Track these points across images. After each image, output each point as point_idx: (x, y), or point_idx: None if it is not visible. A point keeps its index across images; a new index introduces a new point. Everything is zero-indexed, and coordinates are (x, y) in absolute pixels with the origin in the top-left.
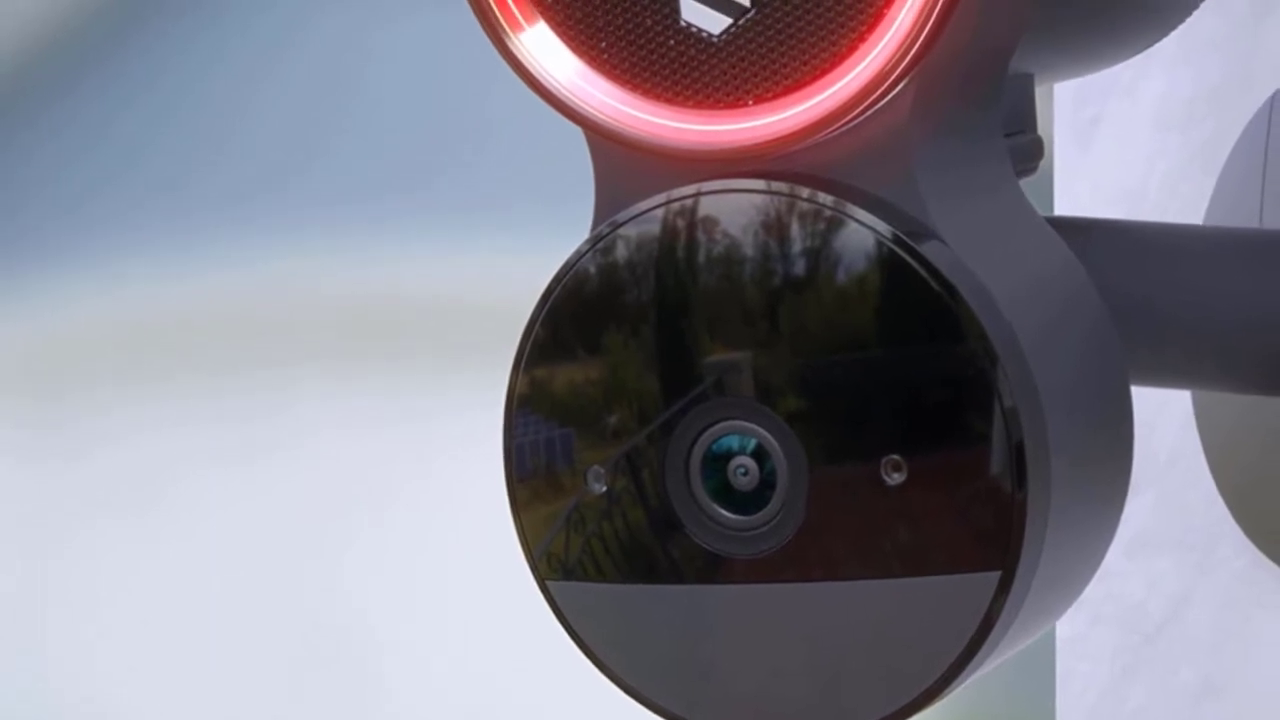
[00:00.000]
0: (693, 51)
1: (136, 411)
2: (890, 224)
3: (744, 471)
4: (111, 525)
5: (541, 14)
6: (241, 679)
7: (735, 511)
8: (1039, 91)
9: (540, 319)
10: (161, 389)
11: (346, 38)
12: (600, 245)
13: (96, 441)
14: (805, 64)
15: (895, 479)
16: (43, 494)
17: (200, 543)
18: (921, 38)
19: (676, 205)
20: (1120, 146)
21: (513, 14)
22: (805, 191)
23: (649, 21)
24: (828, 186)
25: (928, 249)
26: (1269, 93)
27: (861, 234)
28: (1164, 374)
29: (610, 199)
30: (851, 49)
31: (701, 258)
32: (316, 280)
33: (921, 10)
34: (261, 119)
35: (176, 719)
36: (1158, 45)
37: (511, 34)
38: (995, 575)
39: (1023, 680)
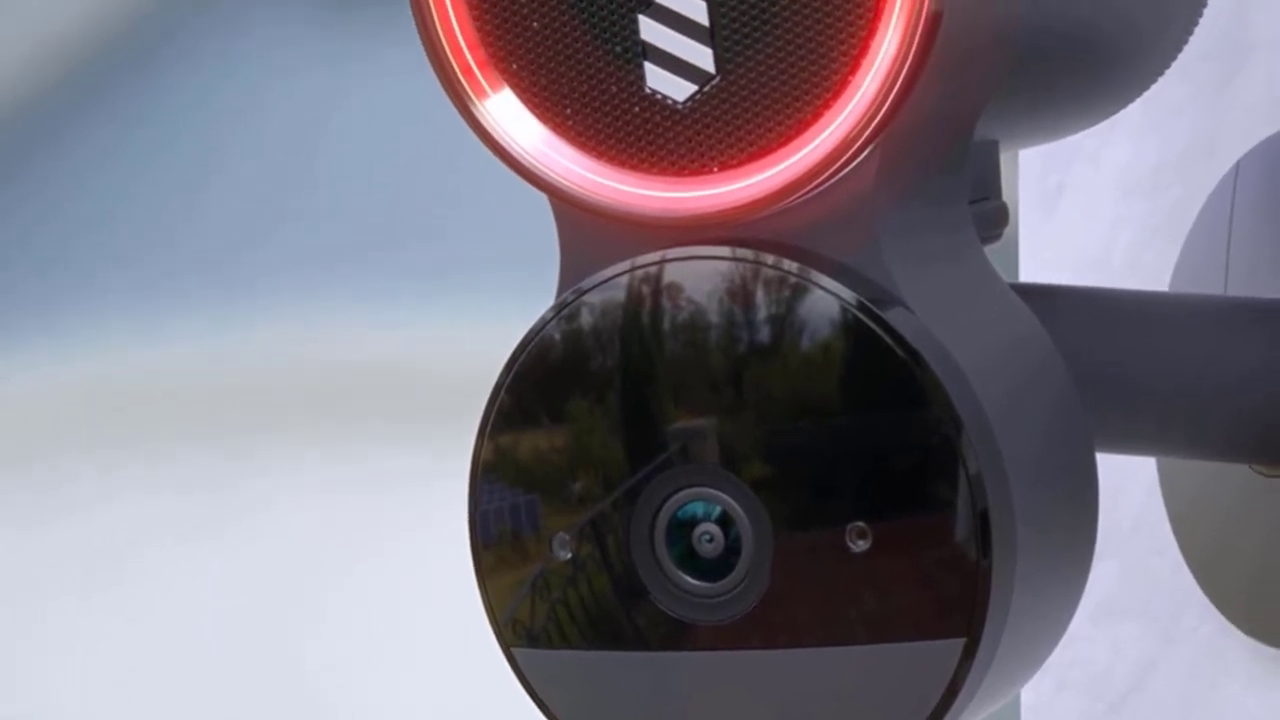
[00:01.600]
0: (657, 118)
1: (98, 481)
2: (855, 291)
3: (709, 538)
4: (72, 596)
5: (506, 81)
6: None
7: (700, 578)
8: (1004, 158)
9: (505, 386)
10: (123, 457)
11: (309, 106)
12: (565, 312)
13: (58, 511)
14: (770, 131)
15: (860, 546)
16: (2, 564)
17: (162, 613)
18: (886, 105)
19: (641, 272)
20: (1085, 213)
21: (477, 80)
22: (770, 258)
23: (614, 88)
24: (792, 253)
25: (892, 316)
26: (1234, 160)
27: (826, 301)
28: (1129, 441)
29: (575, 265)
30: (816, 116)
31: (666, 324)
32: (280, 348)
33: (886, 77)
34: (224, 187)
35: None
36: (1122, 112)
37: (476, 100)
38: (960, 642)
39: None
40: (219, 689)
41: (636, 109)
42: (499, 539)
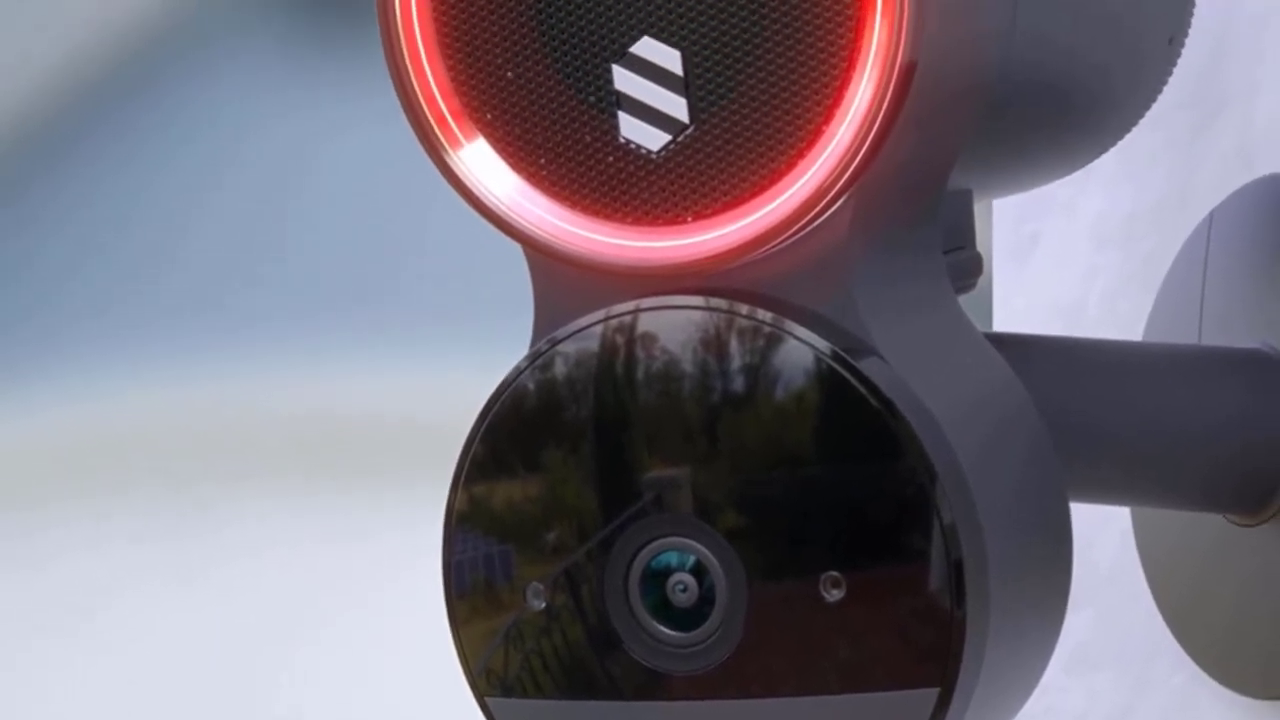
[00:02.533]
0: (632, 168)
1: (73, 530)
2: (829, 341)
3: (683, 588)
4: (46, 645)
5: (480, 130)
6: None
7: (674, 628)
8: (978, 208)
9: (479, 436)
10: (100, 507)
11: (285, 156)
12: (539, 362)
13: (32, 560)
14: (744, 180)
15: (834, 595)
16: None
17: (134, 663)
18: (860, 155)
19: (615, 322)
20: (1059, 263)
21: (452, 131)
22: (744, 308)
23: (588, 138)
24: (766, 303)
25: (866, 366)
26: (1208, 209)
27: (800, 351)
28: (1103, 490)
29: (549, 315)
30: (790, 165)
31: (640, 374)
32: (255, 398)
33: (860, 127)
34: (202, 236)
35: None
36: (1097, 162)
37: (450, 150)
38: (934, 692)
39: None
40: None
41: (610, 158)
42: (473, 588)
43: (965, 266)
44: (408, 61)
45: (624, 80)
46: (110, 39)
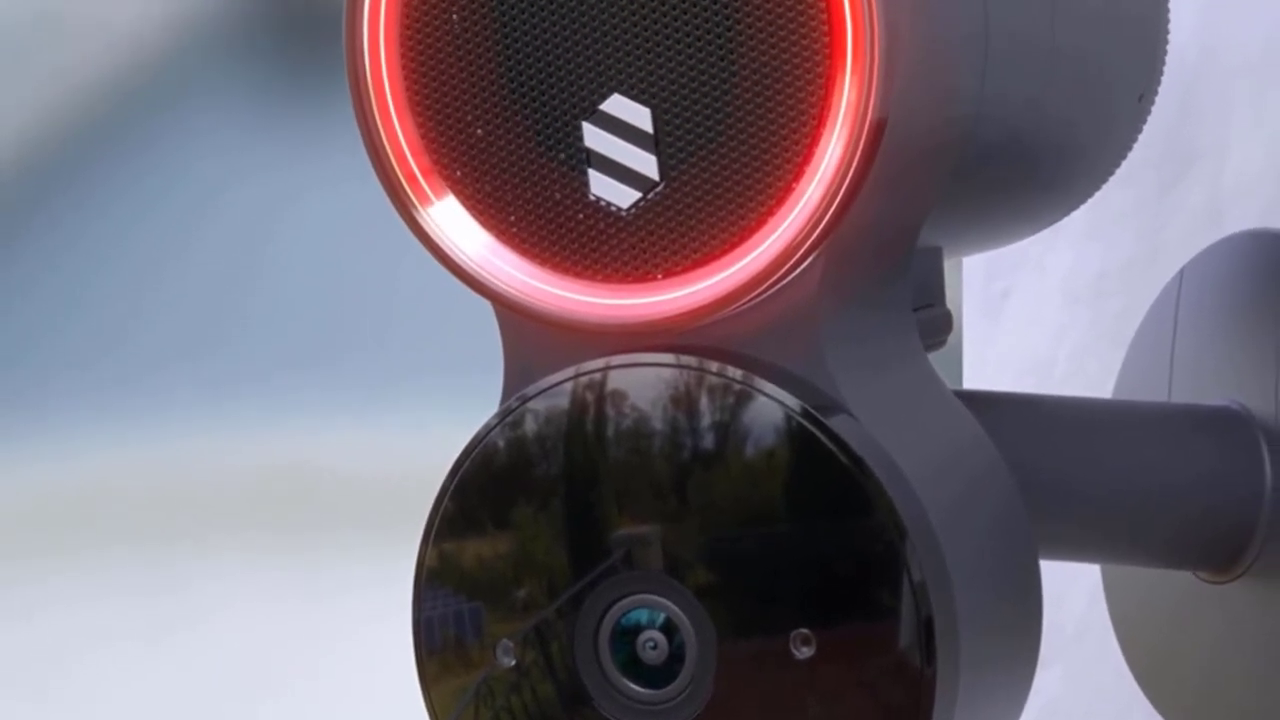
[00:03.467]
0: (601, 225)
1: (42, 586)
2: (799, 398)
3: (653, 645)
4: (14, 703)
5: (450, 188)
6: None
7: (645, 685)
8: (948, 265)
9: (449, 492)
10: (68, 563)
11: (255, 213)
12: (509, 419)
13: (0, 616)
14: (714, 238)
15: (804, 653)
16: None
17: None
18: (830, 212)
19: (585, 379)
20: (1029, 321)
21: (421, 188)
22: (714, 365)
23: (558, 195)
24: (737, 360)
25: (836, 423)
26: (1177, 267)
27: (770, 408)
28: (1072, 548)
29: (519, 372)
30: (760, 223)
31: (610, 432)
32: (225, 455)
33: (830, 185)
34: (173, 294)
35: None
36: (1067, 219)
37: (420, 208)
38: None
39: None
40: None
41: (580, 216)
42: (443, 645)
43: (935, 324)
44: (378, 119)
45: (594, 137)
46: (82, 95)
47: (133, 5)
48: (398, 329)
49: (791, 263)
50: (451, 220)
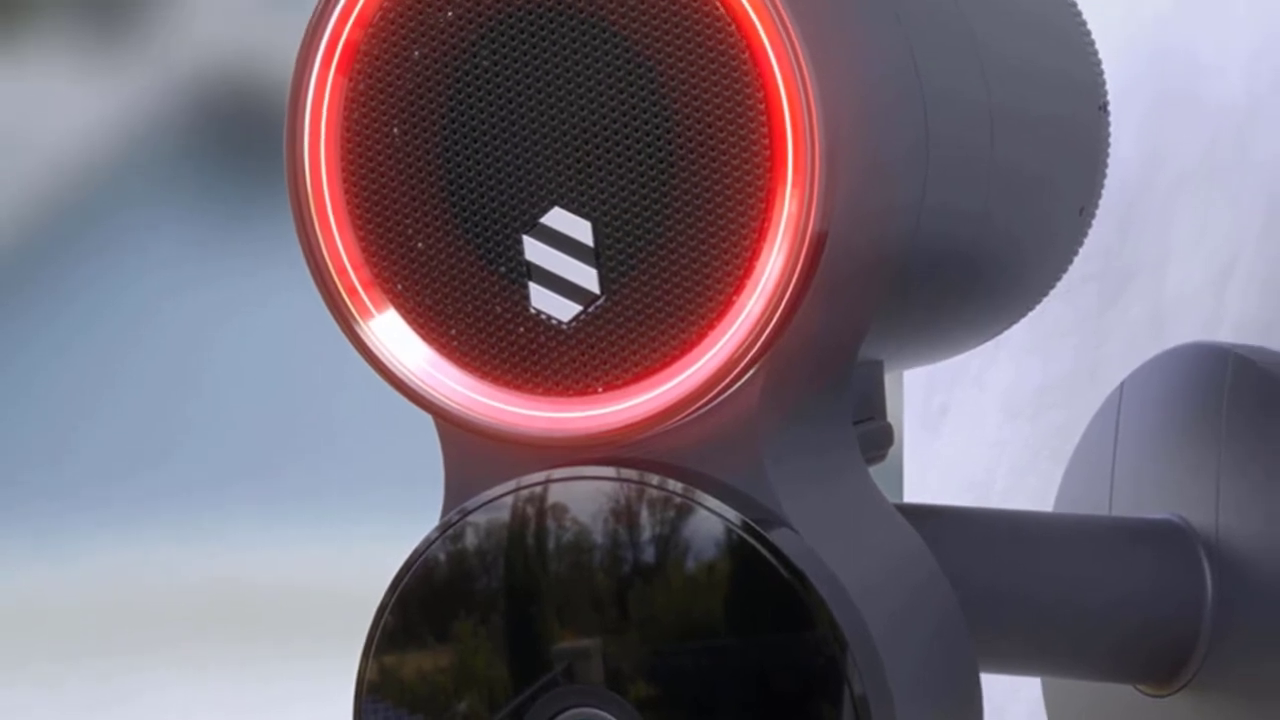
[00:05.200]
0: (542, 339)
1: None
2: (739, 511)
3: None
4: None
5: (391, 301)
6: None
7: None
8: (889, 378)
9: (390, 606)
10: (7, 677)
11: (195, 326)
12: (450, 532)
13: None
14: (655, 351)
15: None
16: None
17: None
18: (771, 326)
19: (526, 492)
20: (969, 435)
21: (362, 301)
22: (654, 479)
23: (499, 309)
24: (677, 473)
25: (777, 536)
26: (1117, 381)
27: (711, 521)
28: (1013, 660)
29: (460, 485)
30: (701, 336)
31: (551, 545)
32: (164, 569)
33: (771, 298)
34: (112, 407)
35: None
36: (1007, 333)
37: (361, 321)
38: None
39: None
40: None
41: (521, 329)
42: None
43: (875, 437)
44: (318, 231)
45: (535, 251)
46: (21, 209)
47: (71, 118)
48: (338, 442)
49: (732, 376)
50: (392, 334)
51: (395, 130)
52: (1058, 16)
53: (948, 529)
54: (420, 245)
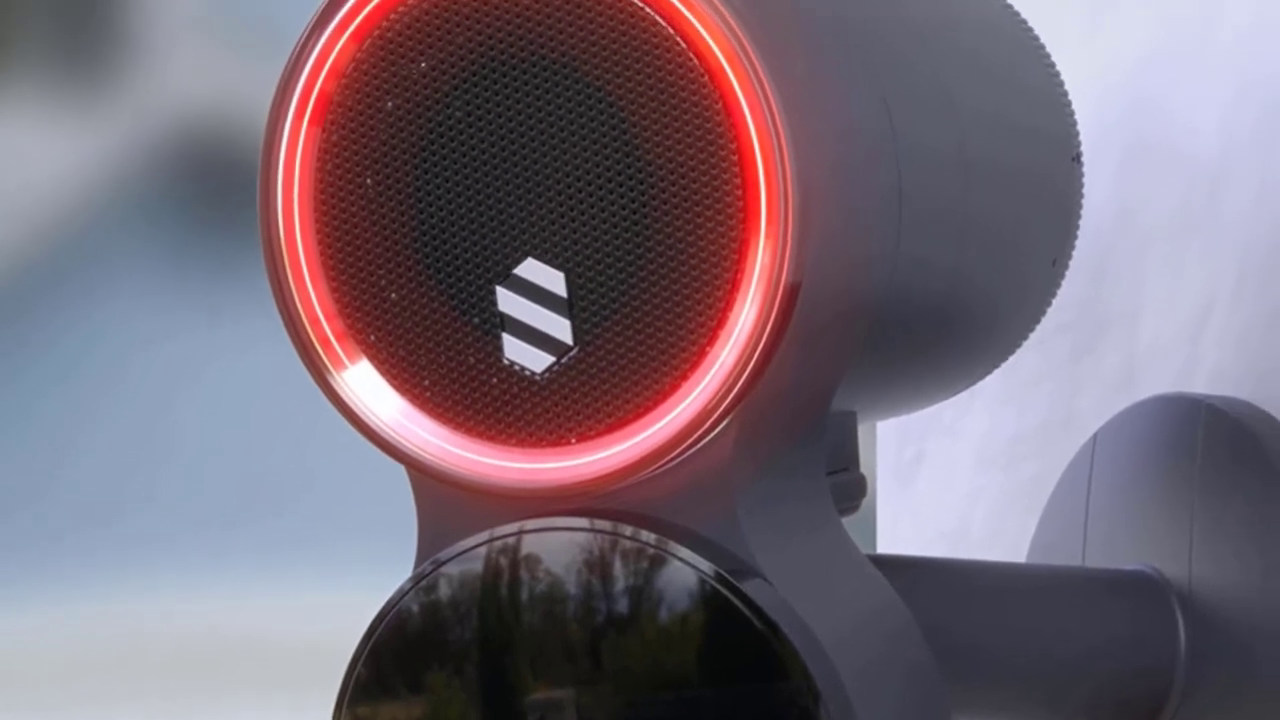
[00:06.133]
0: (515, 389)
1: None
2: (713, 562)
3: None
4: None
5: (364, 352)
6: None
7: None
8: (862, 429)
9: (363, 657)
10: None
11: (169, 377)
12: (423, 583)
13: None
14: (628, 402)
15: None
16: None
17: None
18: (744, 376)
19: (499, 543)
20: (943, 485)
21: (335, 352)
22: (628, 530)
23: (472, 359)
24: (651, 524)
25: (750, 587)
26: (1091, 431)
27: (684, 572)
28: (987, 711)
29: (433, 537)
30: (675, 387)
31: (524, 596)
32: (139, 620)
33: (744, 349)
34: (86, 457)
35: None
36: (981, 384)
37: (334, 372)
38: None
39: None
40: None
41: (494, 380)
42: None
43: (849, 488)
44: (291, 282)
45: (508, 302)
46: None
47: (45, 169)
48: (312, 493)
49: (705, 427)
50: (365, 385)
51: (368, 181)
52: (1031, 67)
53: (921, 580)
54: (393, 296)
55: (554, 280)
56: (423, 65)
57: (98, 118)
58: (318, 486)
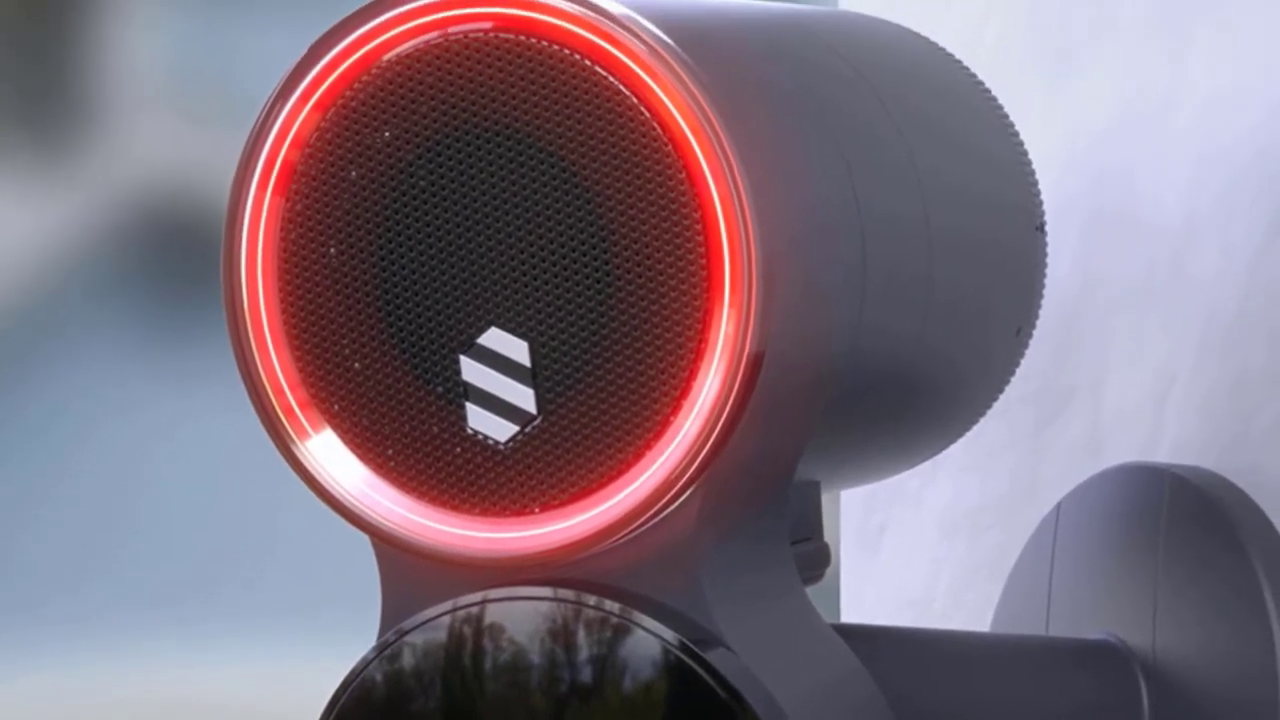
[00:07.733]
0: (479, 459)
1: None
2: (677, 631)
3: None
4: None
5: (328, 421)
6: None
7: None
8: (826, 498)
9: None
10: None
11: (133, 446)
12: (386, 653)
13: None
14: (592, 471)
15: None
16: None
17: None
18: (708, 446)
19: (463, 613)
20: (906, 554)
21: (299, 421)
22: (591, 599)
23: (435, 429)
24: (614, 594)
25: (714, 657)
26: (1055, 500)
27: (648, 642)
28: None
29: (397, 606)
30: (638, 456)
31: (488, 665)
32: (105, 687)
33: (708, 419)
34: (51, 526)
35: None
36: (944, 453)
37: (298, 441)
38: None
39: None
40: None
41: (458, 449)
42: None
43: (813, 557)
44: (255, 351)
45: (472, 371)
46: None
47: (8, 238)
48: (275, 562)
49: (669, 496)
50: (329, 454)
51: (332, 250)
52: (995, 138)
53: (885, 649)
54: (357, 365)
55: (518, 349)
56: (386, 135)
57: (63, 187)
58: (281, 555)
